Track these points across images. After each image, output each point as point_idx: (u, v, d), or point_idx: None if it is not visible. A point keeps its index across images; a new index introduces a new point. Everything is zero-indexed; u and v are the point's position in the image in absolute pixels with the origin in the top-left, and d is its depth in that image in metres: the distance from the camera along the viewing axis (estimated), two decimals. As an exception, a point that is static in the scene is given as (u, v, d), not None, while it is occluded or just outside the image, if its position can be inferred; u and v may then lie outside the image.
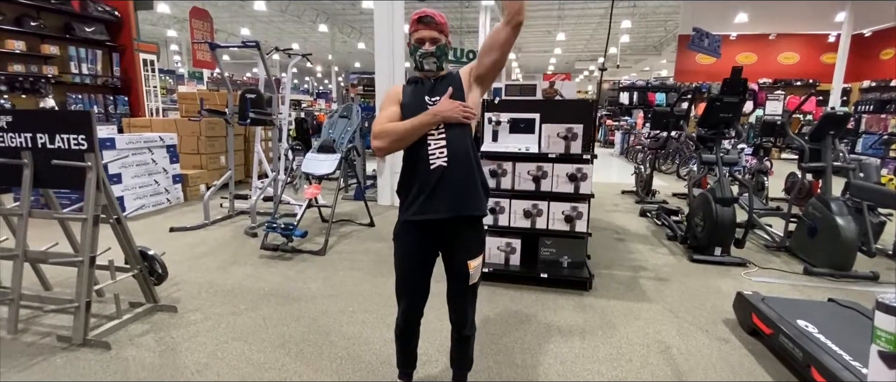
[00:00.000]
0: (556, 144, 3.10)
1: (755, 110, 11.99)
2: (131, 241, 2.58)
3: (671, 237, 4.44)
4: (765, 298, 2.59)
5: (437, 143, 1.57)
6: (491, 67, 1.65)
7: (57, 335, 2.35)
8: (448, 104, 1.56)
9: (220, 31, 23.97)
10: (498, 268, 3.25)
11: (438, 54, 1.63)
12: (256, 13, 20.51)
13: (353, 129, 4.56)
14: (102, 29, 7.89)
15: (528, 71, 36.69)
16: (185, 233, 4.49)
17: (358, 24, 23.73)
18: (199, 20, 13.29)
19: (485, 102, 3.45)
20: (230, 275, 3.36)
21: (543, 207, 3.16)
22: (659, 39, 24.26)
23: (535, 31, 23.58)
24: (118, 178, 5.06)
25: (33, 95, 7.10)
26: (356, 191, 6.21)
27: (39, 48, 7.10)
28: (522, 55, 30.07)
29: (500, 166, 3.18)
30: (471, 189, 1.61)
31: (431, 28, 1.60)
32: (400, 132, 1.57)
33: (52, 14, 7.23)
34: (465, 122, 1.58)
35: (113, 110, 8.16)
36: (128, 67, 8.36)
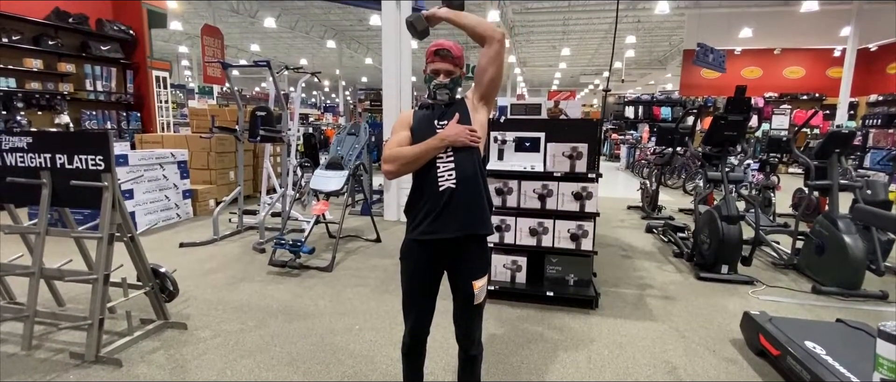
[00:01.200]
0: (562, 162, 3.14)
1: (761, 125, 11.98)
2: (144, 258, 2.64)
3: (678, 254, 4.43)
4: (772, 318, 2.59)
5: (446, 165, 1.62)
6: (489, 85, 1.73)
7: (70, 352, 2.39)
8: (455, 129, 1.61)
9: (231, 47, 24.46)
10: (504, 286, 3.26)
11: (451, 86, 1.70)
12: (266, 30, 20.90)
13: (361, 146, 4.63)
14: (117, 47, 8.10)
15: (533, 85, 36.92)
16: (195, 248, 4.55)
17: (365, 40, 24.08)
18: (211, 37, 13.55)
19: (490, 121, 3.51)
20: (239, 291, 3.40)
21: (549, 225, 3.18)
22: (664, 54, 24.37)
23: (539, 46, 23.81)
24: (130, 194, 5.15)
25: (49, 111, 7.28)
26: (363, 206, 6.25)
27: (56, 66, 7.30)
28: (528, 70, 30.30)
29: (506, 185, 3.22)
30: (478, 209, 1.66)
31: (447, 61, 1.67)
32: (409, 157, 1.62)
33: (69, 33, 7.44)
34: (472, 145, 1.63)
35: (126, 126, 8.34)
36: (141, 84, 8.55)
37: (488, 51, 1.66)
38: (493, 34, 1.65)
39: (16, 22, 6.72)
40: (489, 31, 1.65)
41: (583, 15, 16.98)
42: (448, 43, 1.68)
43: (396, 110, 5.69)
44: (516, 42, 21.91)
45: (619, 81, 24.34)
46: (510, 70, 24.54)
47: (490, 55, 1.67)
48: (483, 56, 1.68)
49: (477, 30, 1.66)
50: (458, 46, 1.70)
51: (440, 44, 1.68)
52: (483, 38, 1.66)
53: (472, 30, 1.67)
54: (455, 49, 1.68)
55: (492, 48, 1.65)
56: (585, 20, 18.10)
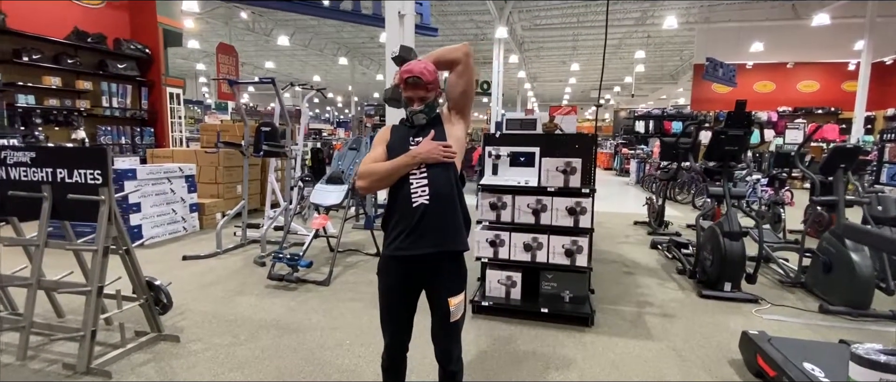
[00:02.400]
0: (556, 177, 3.12)
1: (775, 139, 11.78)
2: (139, 271, 2.68)
3: (681, 271, 4.34)
4: (771, 338, 2.51)
5: (419, 182, 1.62)
6: (461, 98, 1.76)
7: (63, 363, 2.43)
8: (427, 146, 1.62)
9: (247, 64, 25.10)
10: (498, 302, 3.23)
11: (427, 110, 1.72)
12: (281, 47, 21.40)
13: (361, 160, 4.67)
14: (134, 65, 8.37)
15: (543, 100, 37.00)
16: (197, 261, 4.61)
17: (376, 57, 24.47)
18: (226, 55, 13.96)
19: (485, 136, 3.52)
20: (235, 305, 3.42)
21: (543, 240, 3.15)
22: (675, 68, 24.27)
23: (549, 62, 23.92)
24: (137, 207, 5.26)
25: (66, 127, 7.52)
26: (366, 220, 6.28)
27: (74, 84, 7.57)
28: (538, 84, 30.41)
29: (500, 199, 3.21)
30: (452, 225, 1.66)
31: (419, 89, 1.68)
32: (381, 173, 1.63)
33: (88, 52, 7.72)
34: (446, 161, 1.63)
35: (139, 141, 8.56)
36: (155, 100, 8.80)
37: (457, 68, 1.69)
38: (456, 55, 1.69)
39: (37, 41, 7.00)
40: (452, 54, 1.70)
41: (592, 31, 17.04)
42: (418, 67, 1.68)
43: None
44: (526, 58, 22.06)
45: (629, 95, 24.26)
46: (520, 85, 24.67)
47: (458, 70, 1.71)
48: (451, 74, 1.71)
49: (443, 60, 1.70)
50: (429, 69, 1.70)
51: (409, 70, 1.68)
52: (449, 66, 1.70)
53: (441, 66, 1.70)
54: (426, 74, 1.68)
55: (461, 65, 1.68)
56: (596, 36, 18.16)
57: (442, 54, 1.73)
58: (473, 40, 19.04)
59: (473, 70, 1.74)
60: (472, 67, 1.72)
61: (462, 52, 1.69)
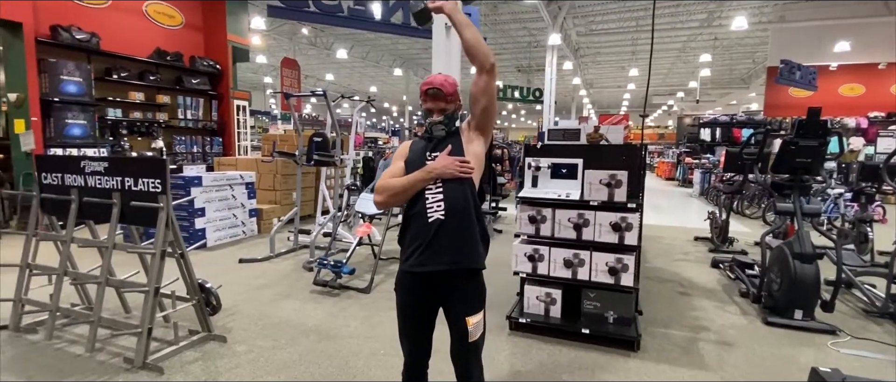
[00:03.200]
0: (599, 191, 2.97)
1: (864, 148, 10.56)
2: (192, 274, 2.87)
3: (744, 294, 3.97)
4: (846, 378, 2.21)
5: (435, 197, 1.60)
6: (482, 116, 1.71)
7: (124, 356, 2.64)
8: (443, 161, 1.60)
9: (310, 76, 26.50)
10: (537, 319, 3.12)
11: (447, 121, 1.70)
12: (340, 60, 22.37)
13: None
14: (206, 80, 9.10)
15: (601, 106, 35.80)
16: (252, 264, 4.87)
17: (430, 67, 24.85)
18: (289, 69, 14.80)
19: (525, 146, 3.44)
20: (280, 309, 3.57)
21: (585, 257, 3.01)
22: (747, 72, 22.57)
23: (607, 67, 23.12)
24: (202, 212, 5.67)
25: (147, 137, 8.30)
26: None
27: (155, 98, 8.35)
28: (594, 91, 29.47)
29: (540, 213, 3.11)
30: (468, 242, 1.62)
31: (438, 100, 1.68)
32: (396, 188, 1.63)
33: (167, 69, 8.50)
34: (462, 177, 1.60)
35: (209, 150, 9.27)
36: (224, 112, 9.51)
37: (478, 81, 1.66)
38: (484, 62, 1.63)
39: (125, 61, 7.80)
40: (481, 55, 1.63)
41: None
42: (438, 79, 1.68)
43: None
44: (582, 64, 21.48)
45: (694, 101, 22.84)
46: (575, 92, 24.02)
47: (480, 86, 1.66)
48: (474, 85, 1.67)
49: (471, 49, 1.65)
50: (450, 81, 1.69)
51: (430, 82, 1.68)
52: (474, 60, 1.65)
53: (467, 45, 1.66)
54: (446, 86, 1.68)
55: (481, 78, 1.64)
56: (657, 39, 17.32)
57: (475, 42, 1.63)
58: (527, 47, 18.85)
59: (495, 87, 1.69)
60: (494, 84, 1.67)
61: (489, 64, 1.64)
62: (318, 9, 6.69)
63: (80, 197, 2.94)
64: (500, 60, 21.68)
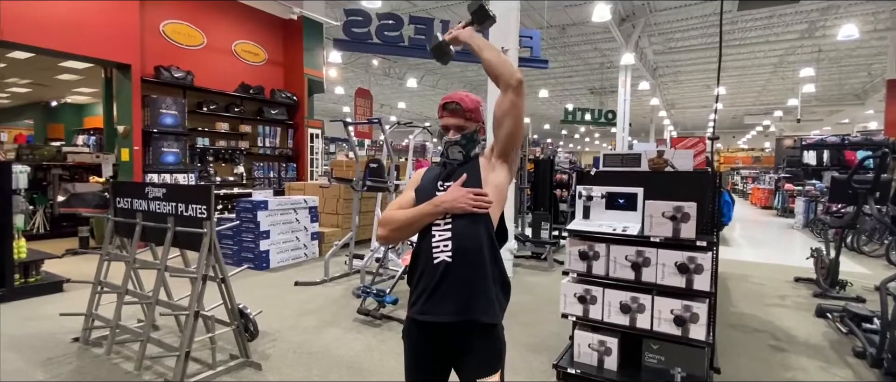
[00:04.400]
0: (662, 225, 2.58)
1: None
2: (233, 299, 2.92)
3: (860, 354, 3.22)
4: None
5: (442, 235, 1.41)
6: (506, 141, 1.50)
7: (166, 378, 2.71)
8: (454, 193, 1.41)
9: (385, 105, 27.81)
10: (588, 371, 2.74)
11: (465, 143, 1.52)
12: (412, 89, 23.21)
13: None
14: (283, 110, 9.79)
15: (685, 128, 33.35)
16: (307, 288, 4.96)
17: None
18: (362, 98, 15.57)
19: (577, 173, 3.13)
20: (321, 337, 3.53)
21: (646, 301, 2.60)
22: (862, 86, 19.75)
23: (690, 86, 21.52)
24: (267, 234, 5.94)
25: (230, 163, 9.04)
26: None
27: (238, 128, 9.10)
28: (676, 112, 27.52)
29: (592, 248, 2.77)
30: (480, 291, 1.39)
31: (457, 116, 1.51)
32: (400, 222, 1.46)
33: (249, 101, 9.26)
34: (475, 212, 1.39)
35: (284, 175, 9.89)
36: (299, 139, 10.13)
37: (502, 101, 1.46)
38: (509, 79, 1.43)
39: (214, 95, 8.63)
40: (506, 74, 1.44)
41: (743, 49, 14.87)
42: (459, 94, 1.52)
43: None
44: (662, 83, 20.20)
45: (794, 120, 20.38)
46: (653, 114, 22.57)
47: (504, 107, 1.45)
48: (497, 106, 1.48)
49: (493, 68, 1.47)
50: (471, 98, 1.52)
51: (450, 96, 1.52)
52: (498, 80, 1.46)
53: (489, 66, 1.48)
54: (467, 101, 1.50)
55: (506, 98, 1.44)
56: (746, 54, 15.82)
57: (497, 62, 1.46)
58: (599, 69, 18.15)
59: (523, 108, 1.48)
60: (521, 104, 1.46)
61: (516, 81, 1.43)
62: (380, 40, 6.92)
63: (143, 221, 3.16)
64: (570, 83, 21.12)
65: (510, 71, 1.45)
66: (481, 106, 1.55)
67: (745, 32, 13.58)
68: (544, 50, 15.28)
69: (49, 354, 3.12)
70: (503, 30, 5.45)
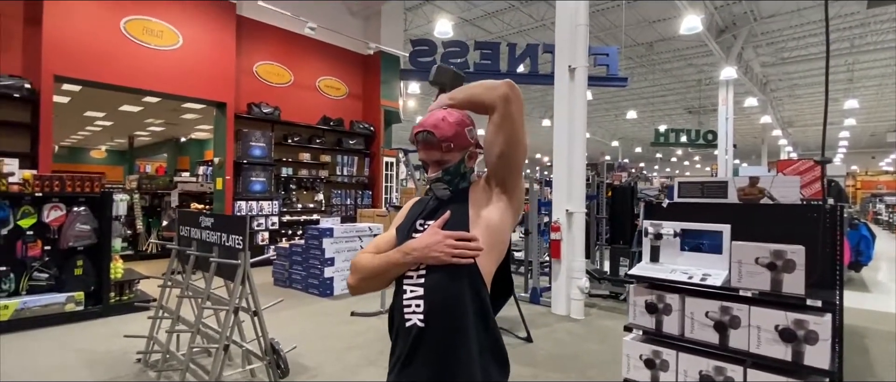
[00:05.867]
0: (756, 275, 1.99)
1: None
2: (265, 333, 2.84)
3: None
4: None
5: (413, 291, 1.12)
6: (500, 165, 1.17)
7: (197, 410, 2.68)
8: (427, 238, 1.11)
9: (463, 132, 28.16)
10: (659, 454, 2.18)
11: (448, 179, 1.22)
12: (489, 115, 23.18)
13: (513, 229, 4.20)
14: (361, 141, 10.19)
15: (806, 148, 29.03)
16: (362, 319, 4.85)
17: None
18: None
19: (645, 205, 2.62)
20: (358, 376, 3.33)
21: (735, 375, 2.00)
22: None
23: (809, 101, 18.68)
24: (332, 261, 6.02)
25: (311, 191, 9.54)
26: (532, 293, 5.65)
27: (319, 158, 9.61)
28: (796, 131, 24.04)
29: (662, 299, 2.24)
30: (462, 365, 1.06)
31: (432, 148, 1.20)
32: (368, 271, 1.19)
33: (330, 132, 9.77)
34: (455, 263, 1.08)
35: (360, 202, 10.20)
36: (375, 168, 10.44)
37: (491, 119, 1.14)
38: (492, 97, 1.13)
39: (298, 127, 9.24)
40: (486, 95, 1.14)
41: (879, 55, 12.54)
42: (433, 117, 1.20)
43: (566, 186, 5.07)
44: (774, 99, 17.80)
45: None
46: (765, 133, 19.89)
47: (495, 122, 1.14)
48: (488, 125, 1.16)
49: (473, 103, 1.18)
50: (450, 120, 1.19)
51: (421, 122, 1.22)
52: (481, 107, 1.16)
53: (469, 106, 1.20)
54: (443, 126, 1.18)
55: (495, 116, 1.13)
56: (884, 60, 13.32)
57: (472, 93, 1.18)
58: (695, 86, 16.53)
59: (519, 121, 1.15)
60: (513, 116, 1.13)
61: (497, 93, 1.12)
62: (445, 67, 6.86)
63: (197, 249, 3.27)
64: (663, 102, 19.50)
65: (486, 89, 1.15)
66: (468, 126, 1.24)
67: (879, 35, 11.45)
68: (631, 69, 14.32)
69: (113, 373, 3.30)
70: (570, 48, 5.06)
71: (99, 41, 6.43)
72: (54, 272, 4.63)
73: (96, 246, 4.85)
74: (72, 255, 4.71)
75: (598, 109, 22.10)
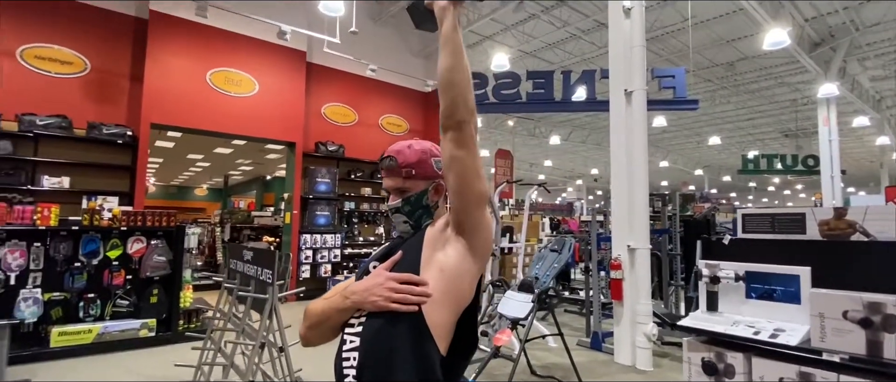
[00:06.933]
0: (845, 333, 1.56)
1: None
2: (291, 370, 2.79)
3: None
4: None
5: (352, 342, 0.97)
6: (453, 199, 1.00)
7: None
8: (369, 281, 0.97)
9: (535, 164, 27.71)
10: None
11: (408, 210, 1.09)
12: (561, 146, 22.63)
13: (561, 265, 3.87)
14: (420, 174, 10.35)
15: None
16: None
17: (659, 142, 22.43)
18: (502, 159, 15.69)
19: (703, 242, 2.23)
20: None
21: (824, 461, 1.55)
22: None
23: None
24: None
25: (372, 224, 9.77)
26: (593, 337, 5.14)
27: (379, 192, 9.88)
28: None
29: (722, 359, 1.84)
30: None
31: (392, 175, 1.10)
32: (313, 317, 1.07)
33: (391, 167, 10.04)
34: (396, 309, 0.92)
35: (420, 236, 10.25)
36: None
37: (442, 145, 0.98)
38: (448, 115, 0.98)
39: (361, 163, 9.61)
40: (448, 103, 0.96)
41: None
42: (398, 144, 1.09)
43: (627, 219, 4.62)
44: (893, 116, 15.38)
45: None
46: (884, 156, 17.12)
47: (446, 155, 0.97)
48: (441, 145, 1.01)
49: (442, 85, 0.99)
50: (415, 149, 1.07)
51: (388, 148, 1.10)
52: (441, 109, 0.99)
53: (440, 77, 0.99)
54: (407, 152, 1.07)
55: (444, 141, 0.97)
56: None
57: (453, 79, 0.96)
58: (790, 107, 14.83)
59: (469, 159, 0.97)
60: (463, 153, 0.95)
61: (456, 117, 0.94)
62: (496, 99, 6.79)
63: (240, 283, 3.37)
64: (752, 126, 17.75)
65: (454, 101, 0.97)
66: (433, 156, 1.09)
67: None
68: (711, 92, 13.23)
69: (164, 400, 3.45)
70: (625, 71, 4.74)
71: (188, 92, 7.24)
72: (133, 299, 5.07)
73: (170, 276, 5.25)
74: (149, 284, 5.15)
75: (677, 136, 20.66)
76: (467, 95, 0.96)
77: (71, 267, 4.76)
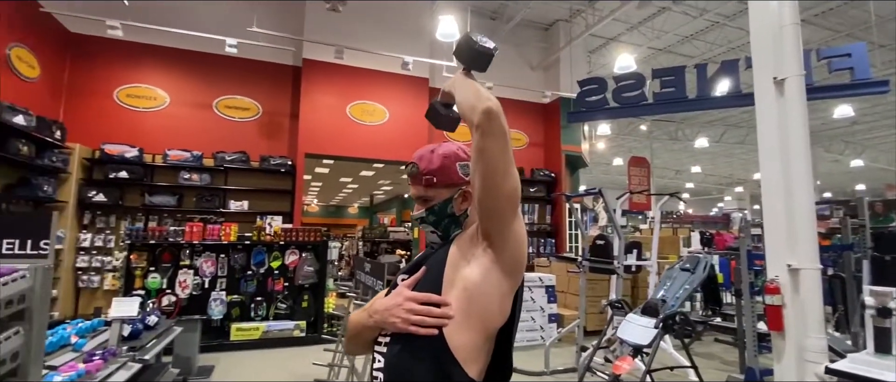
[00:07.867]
0: None
1: None
2: None
3: None
4: None
5: (379, 361, 0.98)
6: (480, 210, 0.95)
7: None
8: (390, 300, 0.98)
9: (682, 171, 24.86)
10: None
11: (433, 220, 1.06)
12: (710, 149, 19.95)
13: (693, 287, 3.38)
14: (542, 187, 10.11)
15: None
16: (523, 377, 4.58)
17: (849, 137, 18.21)
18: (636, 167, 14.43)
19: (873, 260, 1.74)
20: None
21: None
22: None
23: None
24: (502, 311, 5.97)
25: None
26: (748, 373, 4.32)
27: (502, 206, 9.93)
28: None
29: (897, 415, 1.40)
30: None
31: (416, 183, 1.09)
32: (350, 329, 1.10)
33: (512, 182, 10.04)
34: (412, 332, 0.91)
35: (543, 250, 9.95)
36: (557, 215, 10.13)
37: (473, 140, 0.94)
38: (471, 114, 0.93)
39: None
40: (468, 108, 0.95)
41: None
42: (422, 149, 1.09)
43: (785, 233, 3.81)
44: None
45: None
46: None
47: (474, 148, 0.94)
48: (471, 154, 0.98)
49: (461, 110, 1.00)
50: (440, 152, 1.06)
51: (416, 154, 1.11)
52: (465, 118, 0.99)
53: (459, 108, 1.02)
54: (427, 159, 1.06)
55: (473, 141, 0.93)
56: None
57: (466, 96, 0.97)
58: None
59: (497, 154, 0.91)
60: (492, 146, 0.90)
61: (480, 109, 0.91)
62: (618, 102, 6.27)
63: (362, 293, 3.72)
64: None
65: (473, 102, 0.94)
66: (458, 160, 1.07)
67: None
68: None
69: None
70: (775, 55, 3.98)
71: (333, 124, 8.33)
72: (290, 303, 5.95)
73: (317, 284, 6.04)
74: (301, 291, 5.99)
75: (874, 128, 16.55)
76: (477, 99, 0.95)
77: (245, 275, 5.81)
